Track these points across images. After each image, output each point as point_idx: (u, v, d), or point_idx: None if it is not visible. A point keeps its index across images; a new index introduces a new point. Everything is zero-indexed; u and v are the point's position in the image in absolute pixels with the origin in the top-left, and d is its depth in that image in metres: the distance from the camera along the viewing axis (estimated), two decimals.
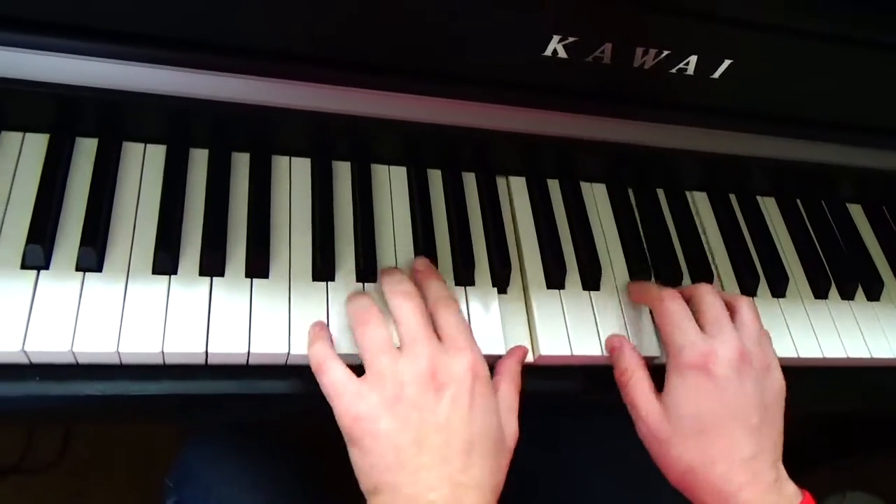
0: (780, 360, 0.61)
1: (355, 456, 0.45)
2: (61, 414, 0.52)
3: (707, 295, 0.54)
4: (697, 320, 0.53)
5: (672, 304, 0.53)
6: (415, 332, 0.47)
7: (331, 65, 0.52)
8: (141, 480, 1.10)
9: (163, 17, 0.47)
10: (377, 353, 0.47)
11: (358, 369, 0.48)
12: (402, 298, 0.49)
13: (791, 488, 0.49)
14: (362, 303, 0.50)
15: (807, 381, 0.64)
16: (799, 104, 0.61)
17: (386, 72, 0.52)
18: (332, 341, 0.50)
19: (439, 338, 0.48)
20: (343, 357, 0.49)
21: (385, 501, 0.44)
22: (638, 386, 0.52)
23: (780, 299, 0.66)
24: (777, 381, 0.53)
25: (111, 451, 1.15)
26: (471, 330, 0.50)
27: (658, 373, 0.53)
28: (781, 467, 0.50)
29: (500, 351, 0.55)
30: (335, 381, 0.46)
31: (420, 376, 0.45)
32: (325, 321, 0.53)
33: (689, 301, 0.55)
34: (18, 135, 0.54)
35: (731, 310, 0.54)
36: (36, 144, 0.54)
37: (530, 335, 0.57)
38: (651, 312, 0.58)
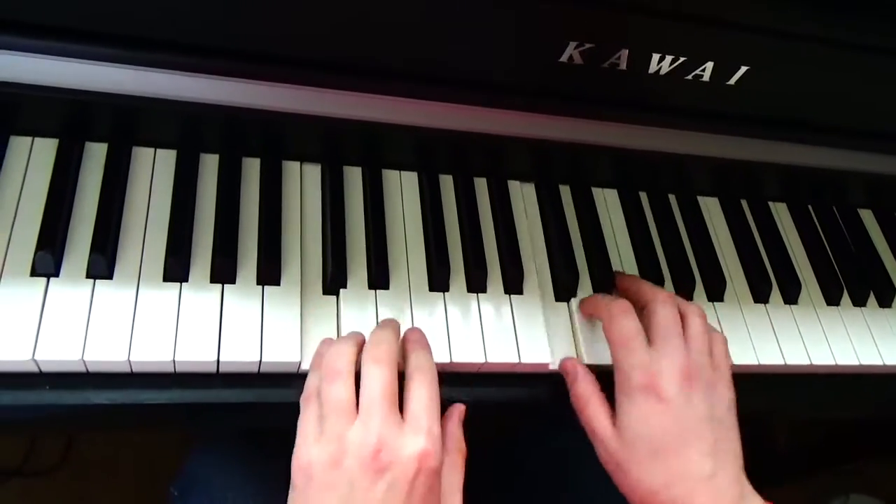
0: (792, 367, 0.62)
1: (290, 496, 0.44)
2: (71, 422, 0.51)
3: (659, 306, 0.52)
4: (647, 332, 0.51)
5: (622, 321, 0.51)
6: (373, 403, 0.44)
7: (343, 70, 0.51)
8: (145, 484, 1.10)
9: (173, 21, 0.47)
10: (333, 413, 0.44)
11: None
12: (373, 364, 0.45)
13: (758, 502, 0.48)
14: (343, 352, 0.46)
15: (818, 388, 0.64)
16: (813, 110, 0.61)
17: (399, 77, 0.51)
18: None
19: (404, 412, 0.45)
20: None
21: None
22: (593, 411, 0.51)
23: (793, 306, 0.65)
24: (726, 393, 0.51)
25: (115, 454, 1.15)
26: (438, 414, 0.46)
27: None
28: (745, 481, 0.49)
29: (514, 359, 0.54)
30: (302, 419, 0.45)
31: (363, 451, 0.42)
32: (336, 328, 0.52)
33: (642, 309, 0.53)
34: (27, 140, 0.54)
35: (682, 319, 0.52)
36: (45, 149, 0.53)
37: (548, 342, 0.56)
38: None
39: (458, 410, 0.51)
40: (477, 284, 0.57)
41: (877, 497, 1.40)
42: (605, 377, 0.52)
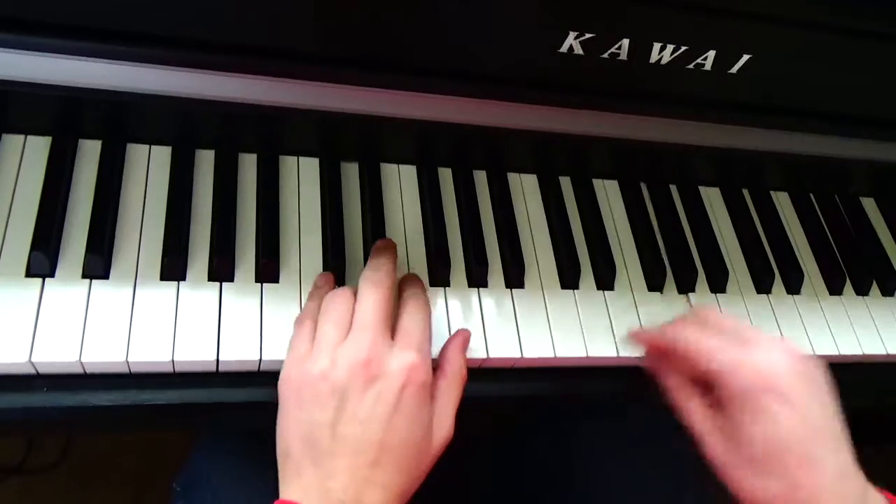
0: None
1: (279, 413, 0.45)
2: (69, 424, 0.51)
3: (715, 315, 0.49)
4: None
5: (689, 331, 0.47)
6: (366, 319, 0.45)
7: (339, 63, 0.50)
8: (145, 481, 1.10)
9: (165, 15, 0.46)
10: (328, 324, 0.45)
11: None
12: (369, 285, 0.47)
13: (875, 495, 0.44)
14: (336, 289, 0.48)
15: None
16: (815, 98, 0.60)
17: (397, 70, 0.50)
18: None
19: (395, 331, 0.46)
20: None
21: (290, 470, 0.43)
22: (698, 409, 0.47)
23: (795, 296, 0.65)
24: (823, 368, 0.46)
25: (115, 452, 1.14)
26: (429, 336, 0.47)
27: None
28: (862, 475, 0.44)
29: (516, 354, 0.54)
30: (295, 338, 0.46)
31: (354, 362, 0.43)
32: None
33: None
34: (20, 137, 0.53)
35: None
36: (38, 147, 0.52)
37: (551, 337, 0.55)
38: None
39: (461, 336, 0.51)
40: (478, 279, 0.56)
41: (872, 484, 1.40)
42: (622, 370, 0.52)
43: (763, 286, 0.64)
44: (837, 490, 0.42)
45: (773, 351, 0.45)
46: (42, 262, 0.47)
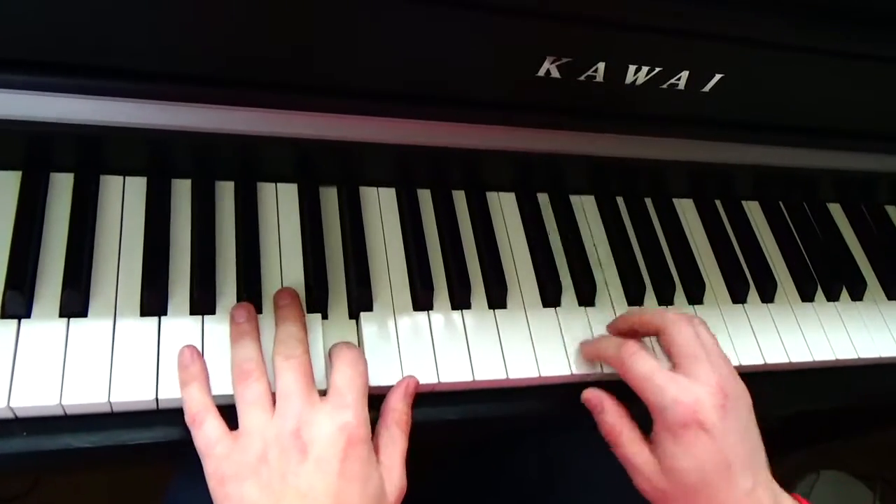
0: (772, 365, 0.63)
1: None
2: (51, 467, 0.50)
3: (675, 329, 0.50)
4: (667, 350, 0.51)
5: (637, 361, 0.49)
6: (289, 388, 0.43)
7: (315, 92, 0.50)
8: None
9: (132, 49, 0.45)
10: (250, 409, 0.43)
11: None
12: (281, 360, 0.45)
13: (790, 502, 0.49)
14: (244, 354, 0.46)
15: (797, 383, 0.65)
16: (783, 113, 0.62)
17: (376, 97, 0.50)
18: (206, 378, 0.46)
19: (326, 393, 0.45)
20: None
21: None
22: (629, 443, 0.50)
23: (770, 304, 0.66)
24: (745, 398, 0.50)
25: (87, 479, 1.12)
26: (364, 389, 0.45)
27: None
28: (774, 483, 0.49)
29: (501, 376, 0.54)
30: (207, 438, 0.43)
31: (284, 436, 0.41)
32: (323, 350, 0.51)
33: (657, 333, 0.52)
34: None
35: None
36: (8, 182, 0.51)
37: (535, 356, 0.56)
38: None
39: (403, 385, 0.50)
40: (461, 301, 0.56)
41: (846, 472, 1.45)
42: (602, 386, 0.52)
43: (738, 296, 0.65)
44: (752, 501, 0.46)
45: (705, 380, 0.48)
46: (17, 303, 0.46)
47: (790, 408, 0.68)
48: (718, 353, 0.50)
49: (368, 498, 0.42)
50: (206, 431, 0.43)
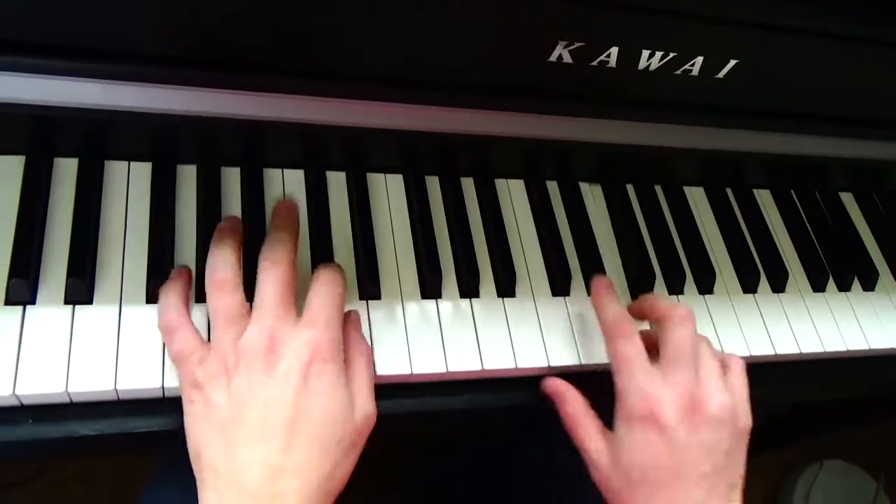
0: (782, 355, 0.62)
1: (186, 418, 0.43)
2: (57, 455, 0.49)
3: (676, 325, 0.49)
4: (659, 344, 0.50)
5: (621, 344, 0.49)
6: (266, 300, 0.43)
7: (322, 76, 0.49)
8: (123, 494, 1.08)
9: (138, 31, 0.44)
10: (225, 321, 0.43)
11: None
12: (266, 265, 0.45)
13: None
14: (222, 262, 0.45)
15: (806, 374, 0.65)
16: (798, 100, 0.60)
17: (386, 82, 0.49)
18: (186, 294, 0.47)
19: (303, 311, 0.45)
20: None
21: (203, 470, 0.41)
22: (585, 433, 0.50)
23: (781, 294, 0.65)
24: (742, 425, 0.48)
25: (93, 464, 1.12)
26: (339, 312, 0.45)
27: None
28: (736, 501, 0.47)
29: (510, 365, 0.53)
30: (183, 346, 0.44)
31: (256, 347, 0.42)
32: None
33: (659, 321, 0.51)
34: None
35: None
36: (12, 168, 0.50)
37: (544, 345, 0.55)
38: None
39: (350, 316, 0.50)
40: (469, 289, 0.56)
41: (850, 462, 1.45)
42: (608, 377, 0.51)
43: (749, 286, 0.65)
44: None
45: (679, 382, 0.47)
46: (22, 289, 0.46)
47: (799, 398, 0.68)
48: (713, 370, 0.49)
49: (332, 415, 0.43)
50: (182, 339, 0.44)
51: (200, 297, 0.49)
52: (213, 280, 0.45)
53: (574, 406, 0.51)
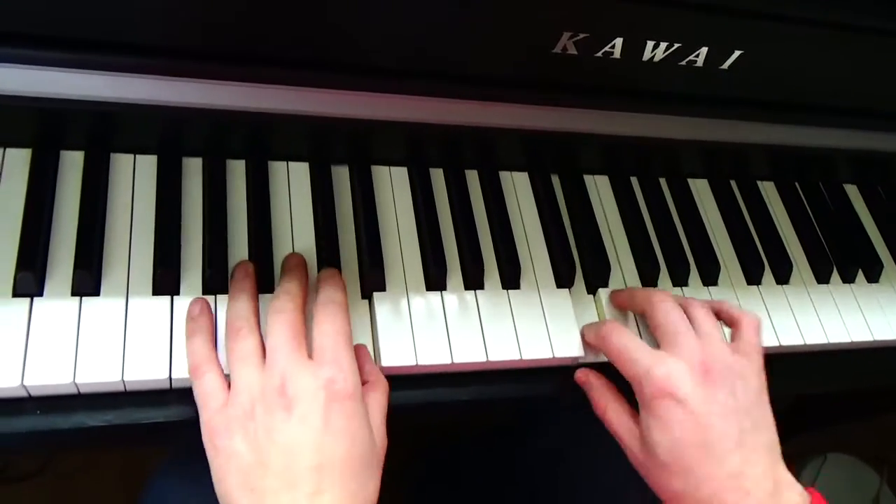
0: (787, 347, 0.62)
1: (212, 468, 0.43)
2: (64, 446, 0.49)
3: (655, 306, 0.51)
4: (652, 331, 0.52)
5: (614, 338, 0.50)
6: (277, 348, 0.44)
7: (328, 68, 0.49)
8: (129, 486, 1.08)
9: (145, 23, 0.44)
10: (241, 366, 0.44)
11: None
12: (273, 314, 0.45)
13: (794, 496, 0.46)
14: (238, 311, 0.46)
15: (810, 366, 0.65)
16: (802, 90, 0.60)
17: (391, 74, 0.49)
18: (212, 332, 0.47)
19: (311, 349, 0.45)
20: None
21: None
22: (614, 417, 0.51)
23: (785, 286, 0.65)
24: (754, 379, 0.48)
25: (99, 457, 1.13)
26: (346, 344, 0.45)
27: None
28: (781, 471, 0.46)
29: (515, 356, 0.53)
30: (205, 391, 0.44)
31: (269, 392, 0.42)
32: None
33: (642, 310, 0.53)
34: None
35: (686, 313, 0.51)
36: (18, 160, 0.51)
37: (549, 337, 0.55)
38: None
39: (363, 349, 0.50)
40: (474, 281, 0.56)
41: (852, 455, 1.45)
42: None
43: (753, 278, 0.65)
44: (737, 486, 0.45)
45: (681, 352, 0.48)
46: (29, 281, 0.46)
47: (803, 390, 0.68)
48: (713, 332, 0.50)
49: (356, 453, 0.42)
50: (205, 384, 0.44)
51: (206, 289, 0.50)
52: (230, 328, 0.46)
53: (601, 393, 0.52)
